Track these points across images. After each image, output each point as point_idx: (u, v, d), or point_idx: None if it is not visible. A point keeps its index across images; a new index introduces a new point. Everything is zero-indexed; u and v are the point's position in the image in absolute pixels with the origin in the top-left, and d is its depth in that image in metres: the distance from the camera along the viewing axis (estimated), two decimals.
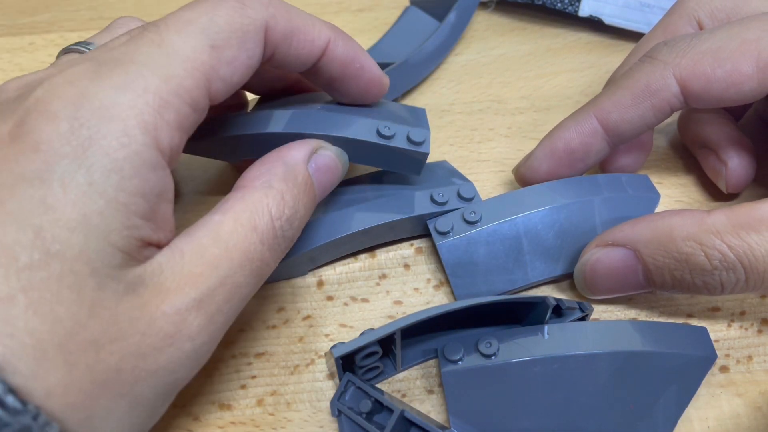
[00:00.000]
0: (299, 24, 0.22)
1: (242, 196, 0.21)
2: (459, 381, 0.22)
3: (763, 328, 0.26)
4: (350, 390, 0.23)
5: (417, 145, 0.25)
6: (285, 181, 0.21)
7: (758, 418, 0.24)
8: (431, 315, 0.22)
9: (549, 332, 0.23)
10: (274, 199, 0.21)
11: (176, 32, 0.19)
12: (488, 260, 0.25)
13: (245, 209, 0.20)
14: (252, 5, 0.21)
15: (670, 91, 0.24)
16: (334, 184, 0.25)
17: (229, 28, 0.20)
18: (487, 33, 0.39)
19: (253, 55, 0.21)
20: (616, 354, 0.22)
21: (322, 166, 0.24)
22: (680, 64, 0.24)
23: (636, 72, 0.25)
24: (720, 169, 0.29)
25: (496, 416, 0.22)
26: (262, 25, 0.21)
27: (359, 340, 0.22)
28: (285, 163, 0.22)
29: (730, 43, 0.24)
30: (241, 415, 0.24)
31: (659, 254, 0.23)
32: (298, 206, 0.22)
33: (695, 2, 0.28)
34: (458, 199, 0.27)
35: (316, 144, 0.24)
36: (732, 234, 0.21)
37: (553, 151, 0.27)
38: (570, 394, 0.22)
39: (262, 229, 0.20)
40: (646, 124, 0.26)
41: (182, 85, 0.18)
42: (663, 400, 0.23)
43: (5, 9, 0.39)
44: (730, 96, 0.24)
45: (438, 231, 0.26)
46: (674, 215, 0.23)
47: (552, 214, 0.26)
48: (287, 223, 0.21)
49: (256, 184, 0.21)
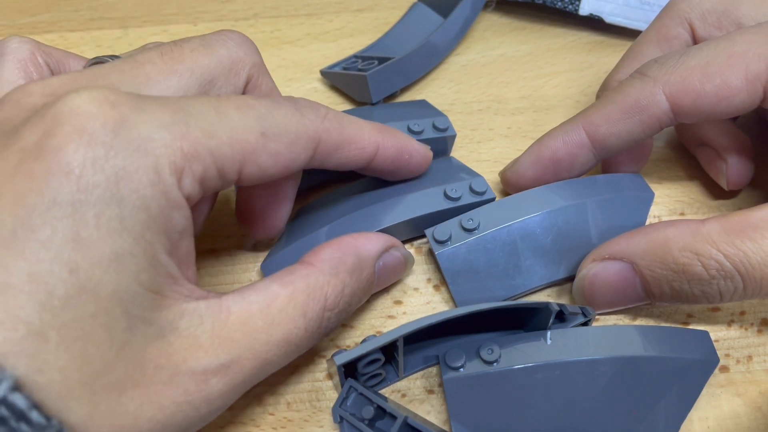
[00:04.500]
0: (351, 135, 0.23)
1: (307, 275, 0.21)
2: (461, 388, 0.22)
3: (763, 328, 0.26)
4: (352, 396, 0.22)
5: (443, 131, 0.30)
6: (351, 273, 0.22)
7: (758, 418, 0.24)
8: (433, 322, 0.22)
9: (551, 338, 0.23)
10: (335, 290, 0.21)
11: (236, 107, 0.20)
12: (488, 267, 0.25)
13: (304, 290, 0.20)
14: (309, 117, 0.21)
15: (659, 108, 0.25)
16: (391, 282, 0.26)
17: (284, 127, 0.20)
18: (487, 33, 0.39)
19: (297, 158, 0.21)
20: (619, 359, 0.22)
21: (389, 266, 0.24)
22: (669, 80, 0.24)
23: (626, 87, 0.26)
24: (720, 166, 0.29)
25: (498, 423, 0.22)
26: (315, 136, 0.21)
27: (361, 347, 0.22)
28: (357, 254, 0.22)
29: (717, 57, 0.24)
30: (241, 415, 0.24)
31: (656, 266, 0.23)
32: (352, 301, 0.22)
33: (686, 5, 0.28)
34: (471, 194, 0.27)
35: (390, 243, 0.24)
36: (727, 243, 0.21)
37: (540, 159, 0.27)
38: (572, 400, 0.22)
39: (311, 316, 0.20)
40: (634, 139, 0.26)
41: (220, 149, 0.18)
42: (665, 405, 0.23)
43: (5, 9, 0.39)
44: (720, 110, 0.24)
45: (436, 240, 0.26)
46: (669, 226, 0.23)
47: (550, 218, 0.26)
48: (336, 315, 0.21)
49: (324, 268, 0.21)
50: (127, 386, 0.16)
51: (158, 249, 0.17)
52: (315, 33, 0.38)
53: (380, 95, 0.33)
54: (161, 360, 0.17)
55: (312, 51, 0.37)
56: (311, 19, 0.39)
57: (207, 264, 0.28)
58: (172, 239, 0.18)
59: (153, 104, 0.18)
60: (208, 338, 0.18)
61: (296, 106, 0.21)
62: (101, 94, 0.17)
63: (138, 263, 0.16)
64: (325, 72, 0.35)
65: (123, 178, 0.16)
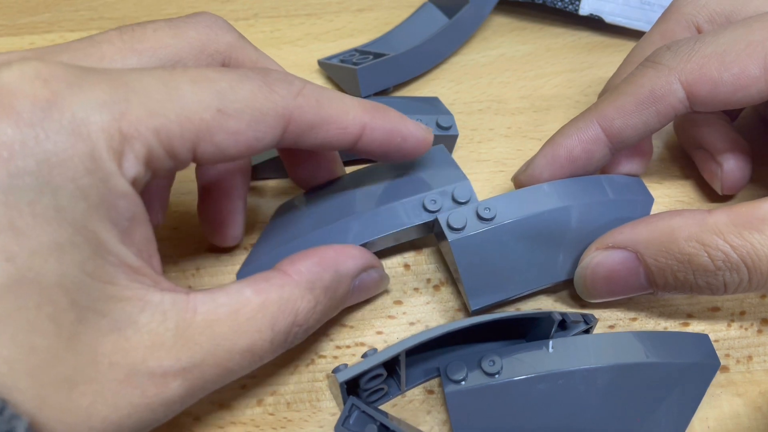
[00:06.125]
0: (330, 113, 0.21)
1: (282, 285, 0.20)
2: (463, 401, 0.22)
3: (763, 328, 0.26)
4: (354, 414, 0.22)
5: (446, 129, 0.30)
6: (326, 291, 0.21)
7: (758, 418, 0.24)
8: (435, 335, 0.21)
9: (553, 347, 0.23)
10: (307, 305, 0.20)
11: (191, 80, 0.18)
12: (503, 259, 0.24)
13: (276, 301, 0.19)
14: (280, 92, 0.20)
15: (675, 97, 0.24)
16: (359, 300, 0.25)
17: (247, 103, 0.19)
18: (487, 33, 0.39)
19: (262, 138, 0.19)
20: (621, 366, 0.22)
21: (364, 286, 0.24)
22: (685, 69, 0.24)
23: (639, 77, 0.25)
24: (715, 170, 0.29)
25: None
26: (285, 114, 0.20)
27: (363, 363, 0.21)
28: (336, 271, 0.22)
29: (735, 45, 0.23)
30: (241, 415, 0.24)
31: (661, 255, 0.22)
32: (322, 318, 0.21)
33: (692, 6, 0.28)
34: (453, 204, 0.26)
35: (370, 262, 0.24)
36: (734, 234, 0.21)
37: (555, 159, 0.26)
38: (575, 409, 0.22)
39: (279, 329, 0.19)
40: (650, 130, 0.25)
41: (166, 127, 0.17)
42: (668, 411, 0.22)
43: (5, 9, 0.39)
44: (737, 99, 0.24)
45: (451, 227, 0.24)
46: (675, 216, 0.23)
47: (567, 213, 0.25)
48: (304, 331, 0.21)
49: (301, 281, 0.20)
50: (78, 381, 0.15)
51: (106, 238, 0.16)
52: (315, 33, 0.38)
53: (369, 90, 0.33)
54: (117, 356, 0.16)
55: (312, 51, 0.37)
56: (311, 19, 0.39)
57: (207, 264, 0.28)
58: (121, 227, 0.17)
59: (92, 79, 0.16)
60: (170, 337, 0.17)
61: (266, 80, 0.20)
62: (33, 68, 0.16)
63: (81, 252, 0.15)
64: (322, 63, 0.36)
65: (56, 166, 0.15)
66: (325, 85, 0.36)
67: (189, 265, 0.28)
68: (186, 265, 0.28)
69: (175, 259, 0.28)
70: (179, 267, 0.28)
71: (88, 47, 0.20)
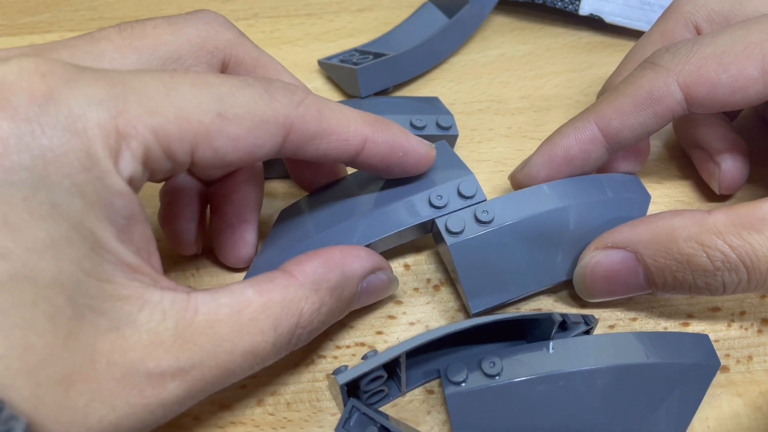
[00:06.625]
0: (332, 125, 0.21)
1: (286, 286, 0.19)
2: (463, 403, 0.22)
3: (763, 328, 0.26)
4: (355, 416, 0.22)
5: (446, 129, 0.30)
6: (332, 292, 0.21)
7: (758, 418, 0.24)
8: (436, 336, 0.21)
9: (553, 348, 0.23)
10: (311, 307, 0.20)
11: (191, 83, 0.18)
12: (502, 261, 0.25)
13: (279, 302, 0.19)
14: (281, 100, 0.19)
15: (673, 98, 0.24)
16: (370, 302, 0.25)
17: (247, 109, 0.19)
18: (487, 33, 0.39)
19: (262, 145, 0.19)
20: (621, 367, 0.22)
21: (372, 288, 0.23)
22: (683, 70, 0.24)
23: (638, 78, 0.25)
24: (713, 170, 0.29)
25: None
26: (285, 123, 0.20)
27: (364, 365, 0.21)
28: (343, 272, 0.21)
29: (733, 47, 0.23)
30: (241, 415, 0.24)
31: (660, 255, 0.22)
32: (327, 320, 0.21)
33: (691, 6, 0.28)
34: (459, 198, 0.25)
35: (378, 264, 0.23)
36: (733, 234, 0.21)
37: (552, 159, 0.26)
38: (576, 410, 0.22)
39: (282, 331, 0.19)
40: (648, 131, 0.25)
41: (164, 127, 0.17)
42: (669, 411, 0.22)
43: (5, 9, 0.39)
44: (735, 101, 0.24)
45: (449, 230, 0.24)
46: (674, 216, 0.23)
47: (566, 213, 0.25)
48: (308, 333, 0.20)
49: (306, 282, 0.20)
50: (75, 380, 0.15)
51: (103, 235, 0.16)
52: (315, 33, 0.39)
53: (370, 90, 0.33)
54: (114, 355, 0.16)
55: (312, 51, 0.37)
56: (311, 19, 0.39)
57: (207, 264, 0.28)
58: (119, 225, 0.16)
59: (89, 77, 0.16)
60: (170, 337, 0.17)
61: (267, 88, 0.19)
62: (32, 63, 0.15)
63: (78, 250, 0.15)
64: (322, 62, 0.35)
65: (52, 162, 0.15)
66: (325, 84, 0.36)
67: (189, 265, 0.28)
68: (186, 265, 0.28)
69: (175, 259, 0.28)
70: (179, 267, 0.28)
71: (87, 44, 0.20)
